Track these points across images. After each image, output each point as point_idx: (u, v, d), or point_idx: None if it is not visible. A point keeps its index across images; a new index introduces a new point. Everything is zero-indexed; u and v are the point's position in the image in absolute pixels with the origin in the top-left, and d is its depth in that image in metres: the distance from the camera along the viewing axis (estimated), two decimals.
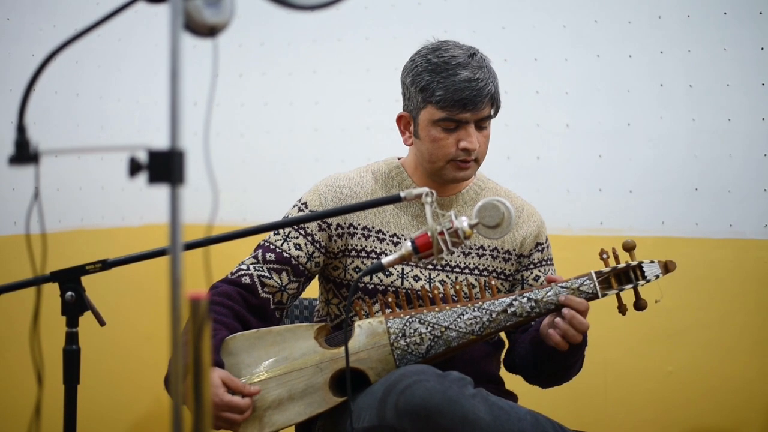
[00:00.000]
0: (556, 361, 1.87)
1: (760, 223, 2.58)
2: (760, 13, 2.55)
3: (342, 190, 1.96)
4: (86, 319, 1.59)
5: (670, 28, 2.66)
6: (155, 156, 1.03)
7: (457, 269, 1.95)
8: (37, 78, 1.24)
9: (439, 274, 1.94)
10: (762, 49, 2.56)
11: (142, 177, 1.04)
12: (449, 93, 1.84)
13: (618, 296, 1.81)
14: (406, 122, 1.95)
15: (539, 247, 2.02)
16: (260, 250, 1.94)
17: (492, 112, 1.90)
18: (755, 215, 2.59)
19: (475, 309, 1.78)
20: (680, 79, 2.66)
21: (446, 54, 1.87)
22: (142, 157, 1.03)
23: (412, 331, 1.77)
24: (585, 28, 2.76)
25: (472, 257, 1.97)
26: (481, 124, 1.89)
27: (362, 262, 1.94)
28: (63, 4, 2.77)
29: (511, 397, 2.01)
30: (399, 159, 2.03)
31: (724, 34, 2.59)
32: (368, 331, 1.77)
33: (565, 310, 1.76)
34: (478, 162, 1.91)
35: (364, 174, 2.01)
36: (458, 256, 1.96)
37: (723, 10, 2.59)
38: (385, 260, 1.61)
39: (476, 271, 1.96)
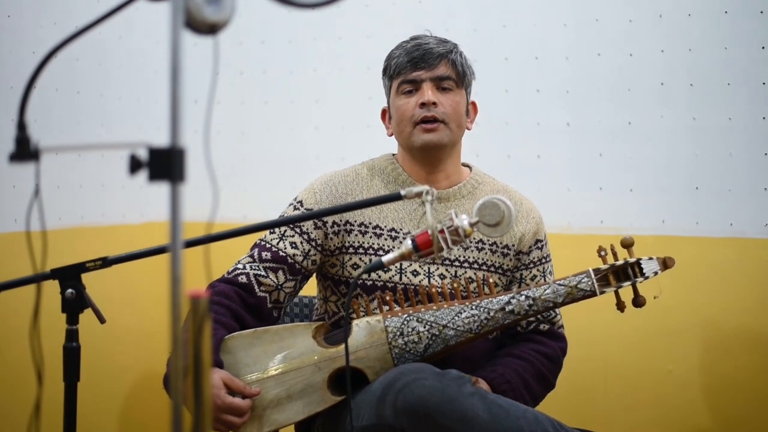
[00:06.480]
0: None
1: (761, 222, 2.58)
2: (761, 11, 2.55)
3: (338, 187, 1.97)
4: (86, 317, 1.59)
5: (671, 27, 2.66)
6: (156, 153, 1.03)
7: (456, 263, 1.95)
8: (38, 75, 1.24)
9: (438, 269, 1.94)
10: (763, 47, 2.55)
11: (143, 174, 1.04)
12: (401, 58, 1.94)
13: (616, 293, 1.80)
14: (387, 115, 2.02)
15: (538, 245, 2.02)
16: (256, 249, 1.94)
17: (452, 74, 1.93)
18: (756, 214, 2.59)
19: (473, 307, 1.78)
20: (681, 78, 2.66)
21: (416, 40, 1.97)
22: (143, 154, 1.03)
23: (410, 329, 1.77)
24: (586, 26, 2.76)
25: (472, 251, 1.97)
26: (442, 85, 1.93)
27: (360, 259, 1.94)
28: (63, 2, 2.77)
29: None
30: (393, 155, 2.04)
31: (725, 32, 2.59)
32: (366, 330, 1.77)
33: None
34: (447, 125, 1.93)
35: (359, 170, 2.01)
36: (457, 250, 1.96)
37: (724, 8, 2.59)
38: (385, 258, 1.61)
39: (475, 265, 1.96)
